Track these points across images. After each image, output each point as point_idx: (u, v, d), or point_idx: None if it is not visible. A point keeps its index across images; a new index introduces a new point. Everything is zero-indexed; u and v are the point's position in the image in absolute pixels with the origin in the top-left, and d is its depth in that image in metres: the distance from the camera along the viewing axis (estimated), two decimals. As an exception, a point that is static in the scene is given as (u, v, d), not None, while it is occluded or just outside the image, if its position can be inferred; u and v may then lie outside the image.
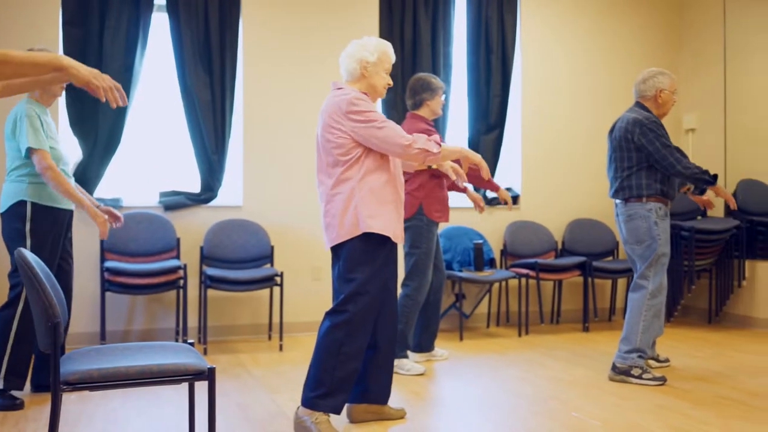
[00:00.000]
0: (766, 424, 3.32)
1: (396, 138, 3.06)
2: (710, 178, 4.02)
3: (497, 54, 6.03)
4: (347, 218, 3.10)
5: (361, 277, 3.12)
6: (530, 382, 4.10)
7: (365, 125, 3.08)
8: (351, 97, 3.11)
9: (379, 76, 3.26)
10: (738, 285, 5.96)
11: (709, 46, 6.40)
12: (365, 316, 3.14)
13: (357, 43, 3.27)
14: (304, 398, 3.14)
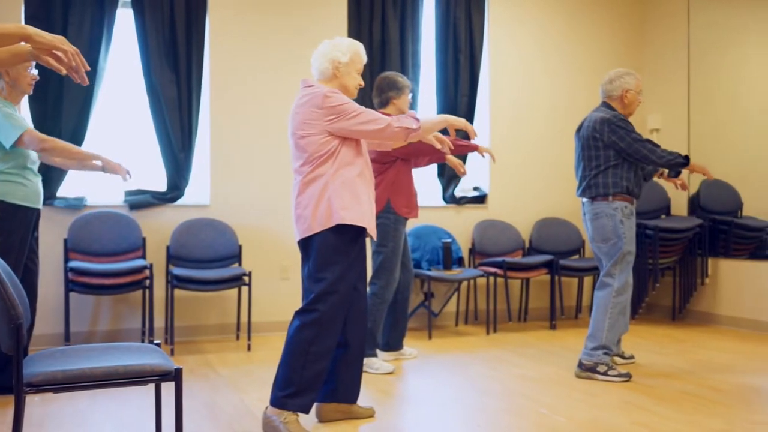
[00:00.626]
0: (729, 419, 3.38)
1: (374, 122, 3.10)
2: (684, 159, 4.14)
3: (465, 54, 6.06)
4: (320, 210, 3.09)
5: (331, 277, 3.11)
6: (498, 380, 4.13)
7: (342, 116, 3.09)
8: (325, 91, 3.12)
9: (351, 76, 3.28)
10: (701, 282, 6.06)
11: (674, 47, 6.49)
12: (335, 315, 3.13)
13: (329, 43, 3.27)
14: (272, 397, 3.13)
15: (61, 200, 5.05)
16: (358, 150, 3.21)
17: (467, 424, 3.34)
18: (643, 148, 4.10)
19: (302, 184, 3.14)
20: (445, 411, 3.54)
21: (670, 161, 4.12)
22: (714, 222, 6.08)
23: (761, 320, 5.59)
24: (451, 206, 6.09)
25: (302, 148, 3.13)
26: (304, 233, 3.15)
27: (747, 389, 3.93)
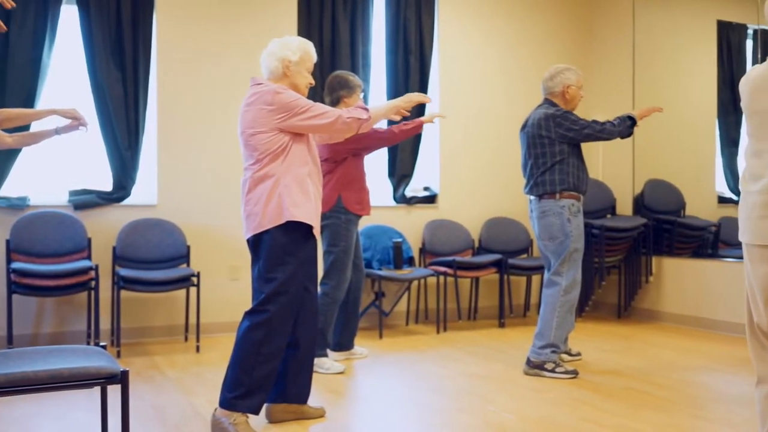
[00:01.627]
0: (673, 413, 3.47)
1: (324, 115, 3.11)
2: (631, 120, 4.25)
3: (416, 55, 6.09)
4: (270, 206, 3.07)
5: (281, 277, 3.09)
6: (448, 378, 4.16)
7: (293, 112, 3.08)
8: (274, 87, 3.11)
9: (302, 75, 3.26)
10: (645, 280, 6.20)
11: (619, 49, 6.63)
12: (285, 315, 3.12)
13: (279, 42, 3.25)
14: (222, 399, 3.10)
15: (3, 200, 4.92)
16: (308, 148, 3.20)
17: (417, 422, 3.36)
18: (593, 130, 4.17)
19: (252, 181, 3.11)
20: (396, 410, 3.56)
21: (622, 131, 4.23)
22: (658, 221, 6.23)
23: (703, 317, 5.75)
24: (401, 206, 6.11)
25: (252, 147, 3.11)
26: (254, 230, 3.12)
27: (690, 384, 4.04)
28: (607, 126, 4.20)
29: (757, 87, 2.23)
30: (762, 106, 2.22)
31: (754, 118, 2.26)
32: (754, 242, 2.19)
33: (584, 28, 6.90)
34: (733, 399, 3.73)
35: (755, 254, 2.23)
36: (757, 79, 2.24)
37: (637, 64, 6.48)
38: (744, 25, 6.31)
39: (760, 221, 2.19)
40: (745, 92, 2.29)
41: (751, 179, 2.26)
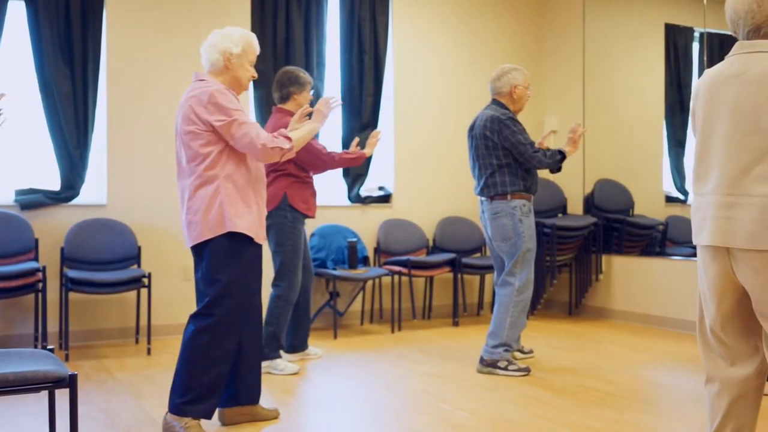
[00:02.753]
0: (623, 409, 3.53)
1: (253, 139, 2.98)
2: (561, 156, 4.26)
3: (370, 54, 6.09)
4: (212, 215, 3.00)
5: (226, 279, 3.03)
6: (403, 377, 4.18)
7: (224, 122, 2.98)
8: (212, 90, 3.00)
9: (244, 68, 3.16)
10: (596, 278, 6.31)
11: (570, 51, 6.73)
12: (232, 318, 3.06)
13: (220, 34, 3.14)
14: (171, 404, 3.04)
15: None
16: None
17: (372, 422, 3.37)
18: (526, 151, 4.17)
19: (193, 187, 3.03)
20: (351, 410, 3.55)
21: (550, 164, 4.24)
22: (607, 220, 6.34)
23: (651, 314, 5.88)
24: (356, 205, 6.11)
25: (188, 146, 3.03)
26: (195, 240, 3.05)
27: (639, 381, 4.12)
28: (539, 155, 4.19)
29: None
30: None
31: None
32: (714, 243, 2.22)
33: (536, 29, 6.99)
34: (681, 395, 3.82)
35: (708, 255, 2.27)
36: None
37: (587, 66, 6.59)
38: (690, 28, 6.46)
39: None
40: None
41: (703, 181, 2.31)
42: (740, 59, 2.23)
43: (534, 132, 6.84)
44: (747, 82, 2.17)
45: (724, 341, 2.29)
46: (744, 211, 2.15)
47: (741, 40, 2.27)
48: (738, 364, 2.28)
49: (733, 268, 2.20)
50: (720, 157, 2.22)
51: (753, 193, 2.14)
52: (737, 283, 2.22)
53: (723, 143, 2.22)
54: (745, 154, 2.16)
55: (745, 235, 2.14)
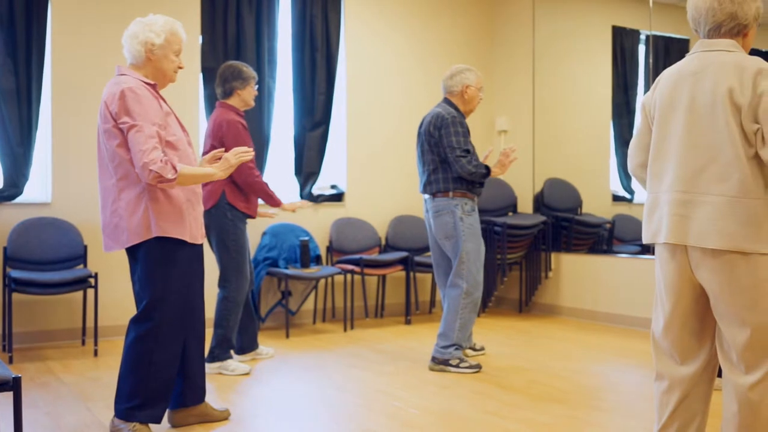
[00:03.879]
0: (572, 405, 3.59)
1: (141, 152, 2.78)
2: (485, 170, 4.21)
3: (322, 52, 6.07)
4: (138, 219, 2.89)
5: (161, 283, 2.94)
6: (355, 376, 4.18)
7: (125, 125, 2.83)
8: (124, 87, 2.85)
9: (168, 59, 3.00)
10: (545, 276, 6.40)
11: (520, 53, 6.81)
12: (173, 321, 2.99)
13: (141, 22, 2.98)
14: (118, 410, 2.96)
15: None
16: (173, 147, 2.96)
17: (324, 421, 3.36)
18: (452, 153, 4.16)
19: (117, 189, 2.91)
20: (302, 409, 3.54)
21: (473, 174, 4.16)
22: (557, 219, 6.44)
23: (598, 311, 5.99)
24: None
25: (107, 145, 2.91)
26: (123, 245, 2.94)
27: (588, 376, 4.20)
28: (464, 163, 4.12)
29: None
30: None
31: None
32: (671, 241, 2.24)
33: (487, 30, 7.06)
34: (630, 390, 3.90)
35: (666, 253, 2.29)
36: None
37: (537, 67, 6.68)
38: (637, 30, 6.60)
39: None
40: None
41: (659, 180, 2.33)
42: (699, 57, 2.24)
43: (485, 132, 6.91)
44: (704, 80, 2.18)
45: (676, 339, 2.31)
46: (700, 210, 2.16)
47: (702, 39, 2.29)
48: (688, 362, 2.30)
49: (690, 266, 2.22)
50: (676, 155, 2.23)
51: (709, 192, 2.15)
52: (695, 281, 2.23)
53: (679, 141, 2.22)
54: (701, 153, 2.17)
55: (701, 234, 2.15)
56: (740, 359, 2.18)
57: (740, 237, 2.11)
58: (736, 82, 2.12)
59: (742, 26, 2.24)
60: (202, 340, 3.20)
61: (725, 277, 2.14)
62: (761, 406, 2.16)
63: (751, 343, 2.15)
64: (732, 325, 2.17)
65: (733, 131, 2.12)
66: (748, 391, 2.16)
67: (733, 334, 2.18)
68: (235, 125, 4.17)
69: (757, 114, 2.10)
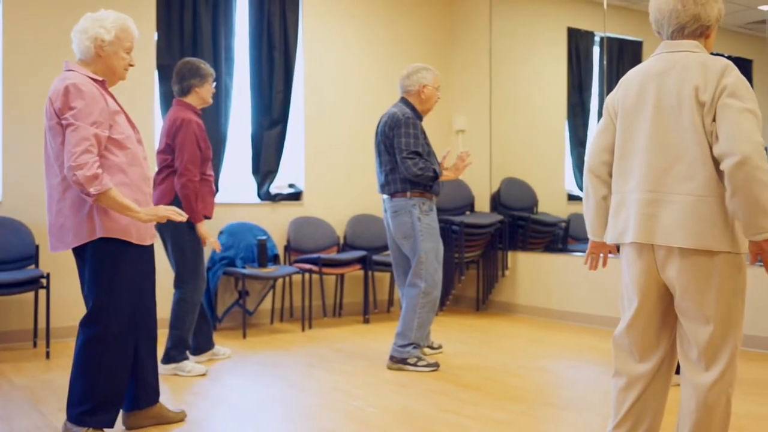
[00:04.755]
0: (529, 402, 3.64)
1: (73, 152, 2.70)
2: (433, 173, 4.20)
3: (280, 50, 6.04)
4: (83, 219, 2.83)
5: (108, 285, 2.89)
6: (313, 376, 4.17)
7: (66, 122, 2.75)
8: (68, 83, 2.78)
9: (118, 56, 2.94)
10: (502, 274, 6.47)
11: (477, 53, 6.87)
12: (122, 323, 2.93)
13: (91, 18, 2.92)
14: (70, 414, 2.90)
15: None
16: (121, 146, 2.89)
17: (281, 421, 3.35)
18: (399, 155, 4.18)
19: (62, 188, 2.84)
20: (260, 410, 3.52)
21: (419, 176, 4.15)
22: (513, 218, 6.51)
23: (554, 309, 6.07)
24: (266, 203, 6.05)
25: (52, 142, 2.84)
26: (69, 245, 2.88)
27: (543, 372, 4.25)
28: (410, 162, 4.12)
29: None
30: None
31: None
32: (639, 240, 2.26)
33: (444, 30, 7.09)
34: (583, 386, 3.97)
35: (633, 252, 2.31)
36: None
37: (494, 67, 6.74)
38: (591, 32, 6.71)
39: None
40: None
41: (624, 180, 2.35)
42: (665, 57, 2.26)
43: (442, 132, 6.95)
44: (670, 80, 2.20)
45: (638, 337, 2.33)
46: (667, 209, 2.18)
47: (665, 40, 2.31)
48: (646, 360, 2.33)
49: (657, 264, 2.24)
50: (643, 154, 2.24)
51: (675, 191, 2.17)
52: (660, 280, 2.26)
53: (646, 141, 2.24)
54: (668, 152, 2.19)
55: (668, 233, 2.17)
56: (701, 356, 2.21)
57: (706, 236, 2.13)
58: (701, 81, 2.14)
59: (705, 27, 2.27)
60: (154, 341, 3.15)
61: (691, 275, 2.17)
62: (716, 408, 2.19)
63: (712, 340, 2.18)
64: (694, 322, 2.20)
65: (699, 130, 2.13)
66: (707, 392, 2.18)
67: (695, 331, 2.21)
68: (190, 124, 4.12)
69: (716, 110, 2.11)
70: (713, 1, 2.26)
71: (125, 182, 2.90)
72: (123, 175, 2.89)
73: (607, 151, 2.40)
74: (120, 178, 2.87)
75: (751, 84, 2.23)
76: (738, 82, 2.13)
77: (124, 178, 2.89)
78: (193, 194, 4.08)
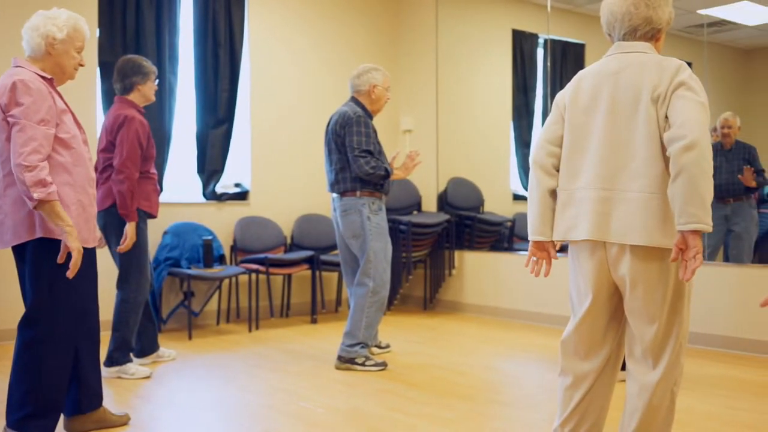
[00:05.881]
0: (476, 400, 3.67)
1: (21, 149, 2.65)
2: (384, 173, 4.23)
3: (225, 48, 5.97)
4: (22, 218, 2.76)
5: (48, 286, 2.82)
6: (260, 377, 4.13)
7: (12, 119, 2.71)
8: (15, 80, 2.74)
9: (69, 55, 2.92)
10: (449, 273, 6.52)
11: (424, 53, 6.91)
12: (62, 326, 2.86)
13: (43, 15, 2.89)
14: (9, 420, 2.81)
15: None
16: (67, 145, 2.84)
17: (228, 423, 3.31)
18: (351, 153, 4.19)
19: (3, 185, 2.79)
20: (206, 412, 3.48)
21: (371, 175, 4.18)
22: (460, 217, 6.57)
23: (499, 307, 6.15)
24: (211, 203, 5.97)
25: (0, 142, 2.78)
26: (7, 244, 2.81)
27: (490, 370, 4.30)
28: (362, 161, 4.15)
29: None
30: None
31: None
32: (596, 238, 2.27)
33: (391, 30, 7.11)
34: (530, 383, 4.02)
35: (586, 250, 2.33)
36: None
37: (441, 68, 6.79)
38: (535, 34, 6.81)
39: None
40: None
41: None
42: (618, 58, 2.29)
43: (390, 131, 6.97)
44: (624, 79, 2.23)
45: (585, 335, 2.35)
46: (619, 207, 2.20)
47: (618, 41, 2.34)
48: (591, 357, 2.35)
49: (608, 262, 2.25)
50: (596, 152, 2.26)
51: (628, 189, 2.18)
52: (611, 278, 2.28)
53: (599, 139, 2.25)
54: (622, 151, 2.21)
55: (621, 230, 2.19)
56: (647, 354, 2.24)
57: (658, 233, 2.15)
58: (657, 78, 2.17)
59: (656, 30, 2.31)
60: (96, 344, 3.07)
61: (641, 273, 2.20)
62: (661, 406, 2.24)
63: (657, 338, 2.22)
64: (641, 320, 2.24)
65: (653, 128, 2.16)
66: (652, 390, 2.22)
67: (641, 329, 2.24)
68: (133, 122, 4.05)
69: (669, 101, 2.14)
70: (664, 5, 2.30)
71: (69, 182, 2.84)
72: (68, 175, 2.84)
73: (554, 144, 2.39)
74: (64, 178, 2.82)
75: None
76: (693, 78, 2.17)
77: (68, 179, 2.84)
78: (129, 192, 3.98)
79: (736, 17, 5.95)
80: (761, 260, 5.26)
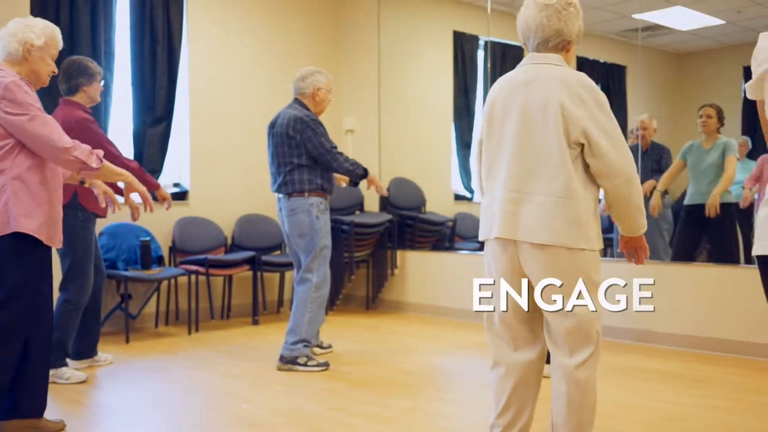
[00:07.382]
0: (418, 398, 3.70)
1: (53, 137, 2.84)
2: (363, 171, 4.38)
3: (163, 45, 5.86)
4: None
5: (10, 282, 2.83)
6: (201, 380, 4.08)
7: (19, 116, 2.79)
8: (8, 81, 2.81)
9: (44, 62, 3.04)
10: (391, 273, 6.54)
11: (366, 54, 6.91)
12: (17, 324, 2.85)
13: (21, 23, 3.00)
14: None
15: None
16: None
17: (168, 426, 3.26)
18: (327, 153, 4.25)
19: None
20: (144, 416, 3.41)
21: (350, 170, 4.31)
22: (402, 217, 6.60)
23: (440, 305, 6.20)
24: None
25: None
26: None
27: (431, 369, 4.34)
28: (341, 159, 4.26)
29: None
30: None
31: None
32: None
33: (333, 30, 7.10)
34: (470, 380, 4.07)
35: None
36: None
37: (383, 68, 6.81)
38: (476, 36, 6.90)
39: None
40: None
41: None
42: (532, 68, 2.42)
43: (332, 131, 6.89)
44: (535, 90, 2.35)
45: (509, 327, 2.47)
46: (528, 208, 2.32)
47: (531, 52, 2.47)
48: (521, 349, 2.46)
49: (519, 259, 2.38)
50: (509, 156, 2.38)
51: (537, 192, 2.31)
52: (523, 273, 2.40)
53: (512, 144, 2.37)
54: (532, 155, 2.33)
55: (529, 230, 2.32)
56: (564, 343, 2.35)
57: (564, 234, 2.29)
58: (564, 95, 2.31)
59: (567, 42, 2.44)
60: (48, 348, 3.06)
61: (550, 269, 2.32)
62: (587, 385, 2.34)
63: (572, 330, 2.33)
64: (554, 314, 2.35)
65: (561, 138, 2.29)
66: (574, 371, 2.33)
67: (556, 321, 2.35)
68: (84, 123, 4.01)
69: (583, 123, 2.29)
70: (575, 19, 2.42)
71: (43, 182, 2.93)
72: (41, 175, 2.93)
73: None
74: (39, 178, 2.91)
75: (625, 89, 2.39)
76: (599, 96, 2.33)
77: (41, 178, 2.93)
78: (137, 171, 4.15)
79: (670, 22, 6.14)
80: (676, 257, 5.39)
